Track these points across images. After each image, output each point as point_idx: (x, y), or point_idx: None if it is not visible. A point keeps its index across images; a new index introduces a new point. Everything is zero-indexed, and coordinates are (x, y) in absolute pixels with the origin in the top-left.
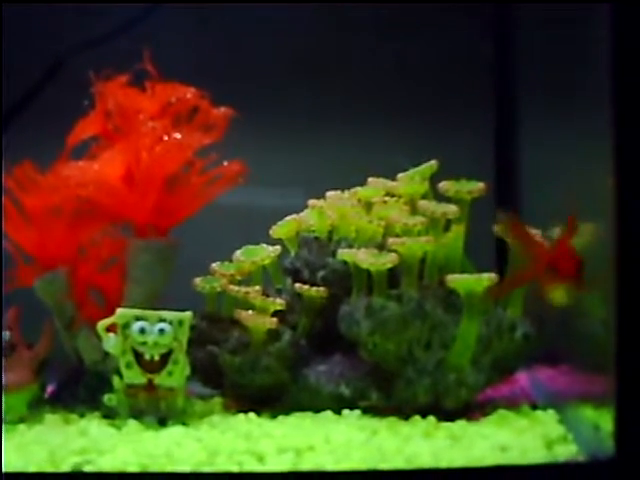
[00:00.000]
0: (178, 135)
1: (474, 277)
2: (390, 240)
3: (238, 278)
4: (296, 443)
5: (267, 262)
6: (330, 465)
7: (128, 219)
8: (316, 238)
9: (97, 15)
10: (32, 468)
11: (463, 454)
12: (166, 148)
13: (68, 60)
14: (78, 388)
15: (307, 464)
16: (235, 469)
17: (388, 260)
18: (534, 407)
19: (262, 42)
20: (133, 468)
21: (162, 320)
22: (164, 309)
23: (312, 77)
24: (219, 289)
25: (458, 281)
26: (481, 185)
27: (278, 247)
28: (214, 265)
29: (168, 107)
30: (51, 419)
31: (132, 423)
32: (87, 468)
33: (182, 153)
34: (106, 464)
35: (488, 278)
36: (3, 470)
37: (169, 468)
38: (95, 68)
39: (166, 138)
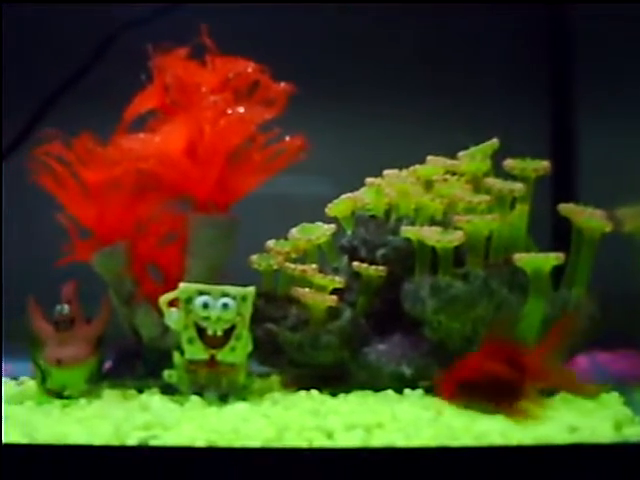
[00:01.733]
0: (241, 109)
1: (542, 256)
2: (456, 217)
3: (293, 256)
4: (364, 420)
5: (323, 240)
6: (400, 442)
7: (190, 194)
8: (373, 216)
9: None
10: (97, 442)
11: (531, 433)
12: (230, 122)
13: (120, 35)
14: (135, 364)
15: (377, 440)
16: (305, 445)
17: (455, 238)
18: None
19: (311, 20)
20: (200, 443)
21: (225, 295)
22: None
23: (363, 56)
24: (275, 267)
25: (526, 260)
26: (546, 163)
27: (333, 225)
28: (269, 243)
29: (228, 81)
30: (110, 394)
31: (194, 399)
32: (153, 443)
33: (245, 127)
34: (171, 439)
35: (556, 257)
36: (69, 442)
37: (238, 444)
38: (148, 43)
39: (229, 112)
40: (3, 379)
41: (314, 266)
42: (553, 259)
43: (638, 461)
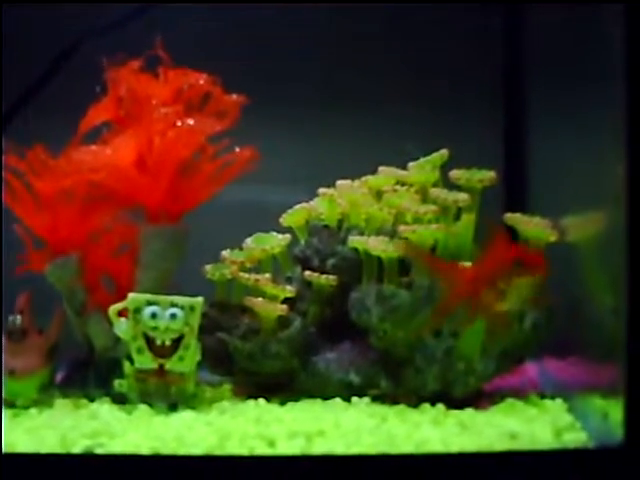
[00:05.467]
0: (191, 121)
1: None
2: (401, 227)
3: (248, 266)
4: (306, 428)
5: (277, 250)
6: (340, 449)
7: (140, 204)
8: (326, 226)
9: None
10: (44, 450)
11: (472, 441)
12: (179, 133)
13: (80, 46)
14: (88, 373)
15: (318, 448)
16: (246, 453)
17: (399, 247)
18: (542, 397)
19: (272, 32)
20: (144, 451)
21: (174, 305)
22: (175, 295)
23: (320, 67)
24: (229, 276)
25: None
26: (492, 174)
27: (288, 235)
28: (224, 252)
29: (180, 93)
30: (61, 404)
31: (142, 408)
32: (98, 451)
33: (195, 139)
34: (117, 447)
35: None
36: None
37: (181, 452)
38: (106, 54)
39: (179, 124)
40: None
41: (267, 276)
42: None
43: (575, 467)
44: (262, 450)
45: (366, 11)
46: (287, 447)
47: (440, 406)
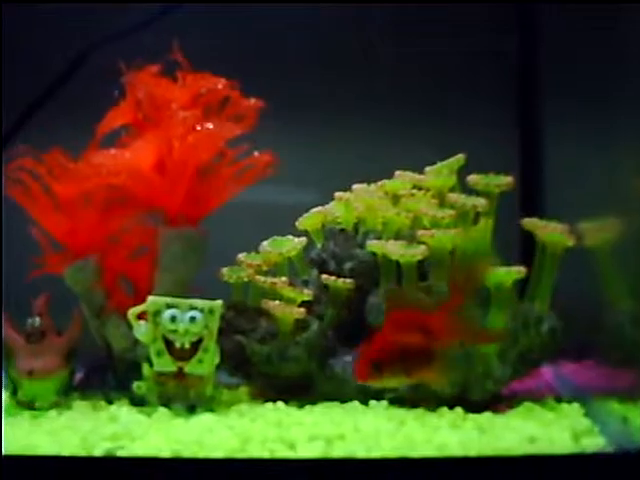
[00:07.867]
0: (210, 125)
1: (503, 270)
2: (420, 232)
3: (264, 269)
4: (326, 431)
5: (293, 253)
6: (361, 453)
7: (159, 208)
8: (342, 230)
9: (124, 6)
10: (65, 453)
11: (491, 444)
12: (198, 138)
13: (94, 51)
14: (106, 375)
15: (338, 452)
16: (267, 456)
17: (418, 252)
18: (559, 400)
19: (282, 37)
20: (165, 454)
21: (193, 308)
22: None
23: (333, 72)
24: (246, 279)
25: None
26: (509, 179)
27: (304, 239)
28: (240, 255)
29: (199, 97)
30: (80, 405)
31: (162, 410)
32: (120, 453)
33: (214, 143)
34: (138, 450)
35: (517, 271)
36: (38, 453)
37: (201, 454)
38: (121, 59)
39: (198, 128)
40: None
41: (284, 279)
42: (514, 273)
43: (594, 471)
44: (283, 453)
45: (381, 16)
46: (308, 450)
47: (458, 410)
